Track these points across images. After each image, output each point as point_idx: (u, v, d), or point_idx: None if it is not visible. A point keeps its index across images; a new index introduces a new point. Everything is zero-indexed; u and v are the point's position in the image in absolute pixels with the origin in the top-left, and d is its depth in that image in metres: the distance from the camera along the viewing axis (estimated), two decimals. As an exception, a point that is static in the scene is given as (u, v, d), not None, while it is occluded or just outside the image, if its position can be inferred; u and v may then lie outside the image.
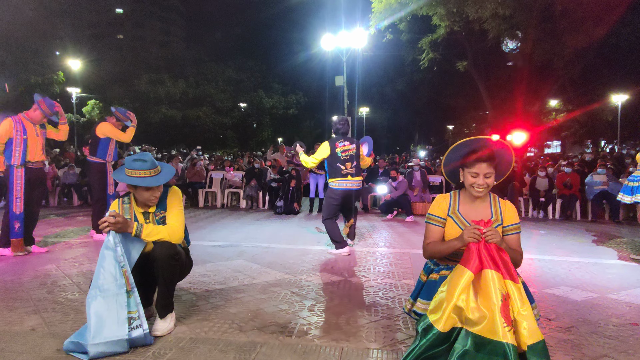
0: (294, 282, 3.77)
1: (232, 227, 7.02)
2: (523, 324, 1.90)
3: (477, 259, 2.04)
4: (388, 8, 15.99)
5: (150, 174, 2.59)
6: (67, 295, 3.30)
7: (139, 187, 2.59)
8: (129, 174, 2.57)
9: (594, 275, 4.13)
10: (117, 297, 2.35)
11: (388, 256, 4.92)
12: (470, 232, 2.11)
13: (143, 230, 2.50)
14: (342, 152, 4.98)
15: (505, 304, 1.93)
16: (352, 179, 4.97)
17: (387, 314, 2.99)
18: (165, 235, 2.56)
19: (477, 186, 2.27)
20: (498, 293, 1.93)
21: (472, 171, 2.27)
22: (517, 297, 1.94)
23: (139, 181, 2.56)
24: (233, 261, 4.54)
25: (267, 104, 36.63)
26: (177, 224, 2.65)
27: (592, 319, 2.92)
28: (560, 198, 9.22)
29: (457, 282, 2.02)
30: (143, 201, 2.65)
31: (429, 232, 2.43)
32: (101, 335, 2.28)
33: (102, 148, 5.75)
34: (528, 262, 4.69)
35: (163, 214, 2.71)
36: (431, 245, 2.39)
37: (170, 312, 2.68)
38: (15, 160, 4.63)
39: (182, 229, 2.68)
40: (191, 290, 3.49)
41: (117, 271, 2.38)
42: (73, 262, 4.43)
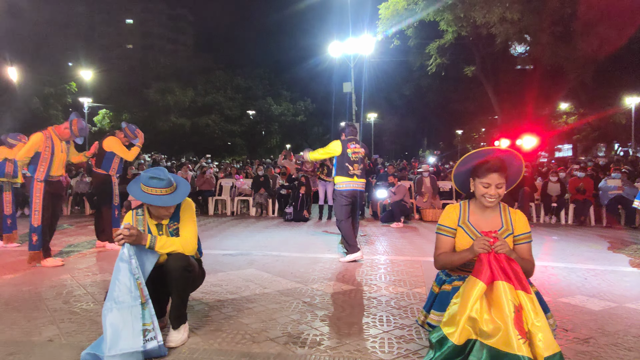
0: (305, 291, 3.76)
1: (242, 236, 7.03)
2: (538, 336, 1.86)
3: (488, 269, 2.02)
4: (395, 14, 16.04)
5: (167, 192, 2.61)
6: (82, 306, 3.33)
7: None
8: (145, 191, 2.58)
9: (611, 284, 4.06)
10: (132, 309, 2.36)
11: (399, 264, 4.89)
12: (480, 243, 2.10)
13: (157, 242, 2.52)
14: (353, 153, 5.23)
15: (519, 315, 1.90)
16: (357, 180, 5.20)
17: (400, 324, 2.96)
18: (178, 247, 2.57)
19: (489, 197, 2.25)
20: (510, 305, 1.90)
21: (484, 182, 2.26)
22: (530, 308, 1.91)
23: (155, 200, 2.57)
24: (244, 270, 4.55)
25: (276, 111, 36.83)
26: (191, 236, 2.66)
27: (610, 330, 2.87)
28: (573, 203, 9.11)
29: (470, 294, 2.00)
30: (158, 215, 2.68)
31: (439, 242, 2.42)
32: (117, 347, 2.29)
33: (107, 161, 5.82)
34: (541, 270, 4.62)
35: (176, 225, 2.72)
36: (442, 256, 2.37)
37: (183, 322, 2.69)
38: (39, 175, 4.70)
39: (195, 241, 2.69)
40: (203, 300, 3.50)
41: (132, 283, 2.40)
42: (87, 271, 4.47)
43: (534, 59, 17.22)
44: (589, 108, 20.20)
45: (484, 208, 2.33)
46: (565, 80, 17.56)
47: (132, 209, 2.78)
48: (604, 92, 18.52)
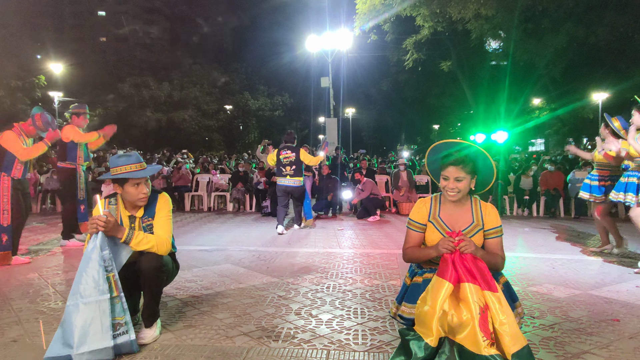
0: (281, 285, 3.76)
1: (218, 231, 6.97)
2: (505, 332, 1.89)
3: (453, 270, 2.03)
4: (372, 9, 16.08)
5: (137, 168, 2.56)
6: (50, 305, 3.24)
7: (127, 185, 2.54)
8: (116, 172, 2.53)
9: (577, 272, 4.21)
10: (100, 304, 2.29)
11: (375, 257, 4.94)
12: (445, 244, 2.11)
13: (134, 237, 2.46)
14: (284, 158, 6.72)
15: (484, 316, 1.92)
16: (290, 178, 6.73)
17: (374, 316, 3.00)
18: (154, 245, 2.52)
19: (450, 190, 2.25)
20: (476, 306, 1.93)
21: (444, 174, 2.26)
22: (497, 307, 1.93)
23: (127, 175, 2.51)
24: (220, 265, 4.51)
25: (253, 106, 36.51)
26: (166, 236, 2.62)
27: (574, 316, 2.97)
28: (544, 196, 9.37)
29: (438, 295, 2.01)
30: (132, 200, 2.59)
31: (408, 236, 2.43)
32: (85, 344, 2.24)
33: (71, 152, 5.49)
34: (512, 260, 4.75)
35: (150, 221, 2.66)
36: (409, 250, 2.39)
37: (156, 320, 2.65)
38: (16, 173, 4.56)
39: (170, 240, 2.65)
40: (177, 296, 3.45)
41: (101, 276, 2.31)
42: (56, 270, 4.35)
43: (507, 54, 17.57)
44: (559, 103, 20.78)
45: (452, 203, 2.33)
46: (537, 76, 18.00)
47: (105, 197, 2.70)
48: (573, 87, 19.08)
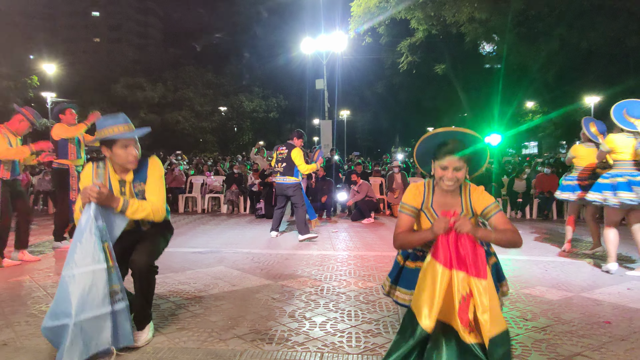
0: (275, 288, 3.75)
1: (212, 233, 6.95)
2: (486, 320, 1.86)
3: (448, 252, 1.97)
4: (367, 12, 16.13)
5: (125, 129, 2.51)
6: (41, 308, 3.21)
7: (115, 147, 2.48)
8: (104, 134, 2.49)
9: (569, 275, 4.23)
10: (96, 273, 2.26)
11: (369, 259, 4.94)
12: (441, 224, 2.02)
13: (129, 206, 2.41)
14: (278, 154, 6.36)
15: (465, 304, 1.90)
16: (280, 176, 6.25)
17: (368, 319, 3.00)
18: (149, 213, 2.47)
19: (447, 180, 2.18)
20: (459, 295, 1.90)
21: (442, 164, 2.18)
22: (482, 293, 1.89)
23: (115, 136, 2.47)
24: (213, 268, 4.49)
25: (248, 108, 36.45)
26: (160, 203, 2.57)
27: (566, 319, 2.99)
28: (537, 198, 9.44)
29: (435, 282, 1.95)
30: (121, 163, 2.53)
31: (401, 220, 2.32)
32: (84, 312, 2.22)
33: (62, 149, 5.40)
34: (505, 263, 4.77)
35: (142, 186, 2.59)
36: (402, 235, 2.26)
37: (148, 322, 2.63)
38: (4, 174, 4.52)
39: (164, 206, 2.60)
40: (170, 298, 3.44)
41: (96, 246, 2.27)
42: (48, 272, 4.31)
43: (501, 58, 17.71)
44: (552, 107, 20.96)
45: (445, 192, 2.27)
46: (530, 79, 18.15)
47: (93, 161, 2.67)
48: (565, 90, 19.25)
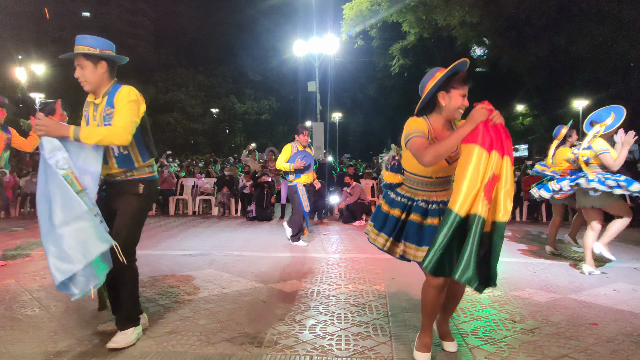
0: (265, 291, 3.73)
1: (203, 235, 6.90)
2: (506, 201, 2.06)
3: (488, 137, 2.06)
4: (359, 15, 16.20)
5: (76, 49, 2.51)
6: (26, 312, 3.16)
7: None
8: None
9: (557, 277, 4.27)
10: (80, 219, 2.28)
11: (360, 262, 4.94)
12: (482, 112, 2.08)
13: (81, 132, 2.36)
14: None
15: (492, 182, 2.04)
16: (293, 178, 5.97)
17: (358, 321, 2.99)
18: (104, 136, 2.37)
19: (462, 108, 2.28)
20: (490, 172, 2.04)
21: (461, 92, 2.24)
22: (508, 175, 2.06)
23: (69, 55, 2.53)
24: (203, 270, 4.46)
25: (239, 110, 36.35)
26: (121, 124, 2.42)
27: (554, 320, 3.02)
28: (527, 200, 9.51)
29: (478, 167, 2.04)
30: (80, 82, 2.57)
31: (418, 141, 2.19)
32: (90, 253, 2.28)
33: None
34: (495, 265, 4.81)
35: (110, 110, 2.54)
36: (432, 147, 2.11)
37: (132, 324, 2.59)
38: None
39: (128, 130, 2.43)
40: (159, 301, 3.41)
41: (66, 190, 2.28)
42: (34, 275, 4.25)
43: (491, 61, 17.89)
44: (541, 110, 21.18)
45: (442, 124, 2.32)
46: (520, 83, 18.33)
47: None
48: (554, 94, 19.48)
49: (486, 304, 3.39)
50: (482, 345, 2.60)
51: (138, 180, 2.65)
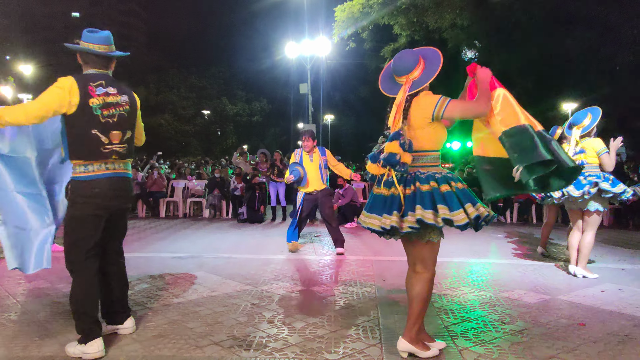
0: (255, 293, 3.70)
1: (193, 238, 6.85)
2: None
3: (497, 82, 2.58)
4: (351, 17, 16.23)
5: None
6: (10, 317, 3.10)
7: None
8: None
9: (547, 278, 4.30)
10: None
11: (350, 264, 4.93)
12: (487, 71, 2.49)
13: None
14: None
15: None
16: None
17: (347, 324, 2.98)
18: (19, 114, 2.36)
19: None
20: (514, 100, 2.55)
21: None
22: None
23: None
24: (193, 273, 4.42)
25: (231, 111, 36.24)
26: (32, 104, 2.40)
27: (543, 321, 3.03)
28: (517, 202, 9.59)
29: (510, 102, 2.51)
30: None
31: (459, 101, 2.44)
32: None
33: None
34: (485, 267, 4.83)
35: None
36: (479, 98, 2.41)
37: (78, 333, 2.50)
38: None
39: (35, 108, 2.36)
40: (147, 304, 3.36)
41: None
42: (19, 280, 4.18)
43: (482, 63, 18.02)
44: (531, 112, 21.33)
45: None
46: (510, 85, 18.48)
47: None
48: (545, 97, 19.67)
49: (476, 305, 3.39)
50: (472, 347, 2.60)
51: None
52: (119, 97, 2.57)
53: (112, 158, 2.53)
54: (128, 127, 2.61)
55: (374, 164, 2.49)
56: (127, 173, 2.66)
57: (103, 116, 2.48)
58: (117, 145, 2.53)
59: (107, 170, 2.53)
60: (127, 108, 2.60)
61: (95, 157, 2.49)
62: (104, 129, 2.49)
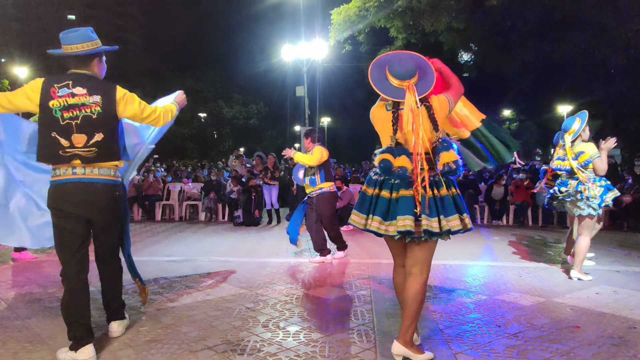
0: (250, 296, 3.69)
1: (189, 241, 6.82)
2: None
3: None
4: (347, 20, 16.27)
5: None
6: (2, 322, 3.07)
7: None
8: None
9: (542, 280, 4.30)
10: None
11: (346, 267, 4.92)
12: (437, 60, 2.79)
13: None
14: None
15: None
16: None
17: (342, 327, 2.97)
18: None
19: None
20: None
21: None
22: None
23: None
24: (188, 276, 4.40)
25: (228, 114, 36.21)
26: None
27: (538, 324, 3.03)
28: (513, 205, 9.61)
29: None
30: None
31: (450, 89, 2.61)
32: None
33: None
34: (481, 269, 4.83)
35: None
36: (454, 85, 2.64)
37: None
38: None
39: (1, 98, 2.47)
40: (141, 309, 3.34)
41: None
42: (11, 284, 4.14)
43: (478, 66, 18.08)
44: (528, 115, 21.47)
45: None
46: (506, 88, 18.56)
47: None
48: (540, 99, 19.76)
49: (471, 308, 3.39)
50: (467, 350, 2.59)
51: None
52: (88, 97, 2.43)
53: (74, 162, 2.42)
54: (98, 129, 2.44)
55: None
56: (97, 178, 2.47)
57: (63, 118, 2.40)
58: (80, 149, 2.41)
59: (73, 175, 2.43)
60: (96, 109, 2.44)
61: (55, 160, 2.42)
62: (64, 131, 2.40)
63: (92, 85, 2.48)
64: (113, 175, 2.55)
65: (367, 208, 2.41)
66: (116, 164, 2.56)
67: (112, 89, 2.53)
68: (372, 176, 2.46)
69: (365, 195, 2.45)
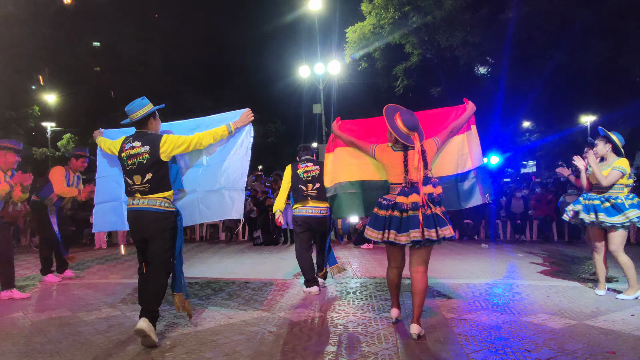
0: (272, 320, 3.68)
1: (210, 262, 6.88)
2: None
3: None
4: (362, 38, 16.45)
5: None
6: (35, 347, 3.14)
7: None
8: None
9: (572, 300, 4.16)
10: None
11: (368, 287, 4.87)
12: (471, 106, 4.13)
13: None
14: (304, 172, 4.69)
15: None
16: (312, 203, 4.65)
17: (367, 352, 2.93)
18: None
19: None
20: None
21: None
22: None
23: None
24: (210, 299, 4.43)
25: (247, 133, 36.66)
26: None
27: (570, 349, 2.92)
28: (536, 219, 9.39)
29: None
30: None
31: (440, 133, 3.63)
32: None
33: (47, 192, 5.55)
34: (505, 289, 4.71)
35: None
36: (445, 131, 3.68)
37: None
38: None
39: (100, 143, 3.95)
40: (166, 334, 3.37)
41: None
42: (43, 308, 4.24)
43: (496, 80, 17.94)
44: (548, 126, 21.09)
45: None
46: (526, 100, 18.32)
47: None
48: (561, 112, 19.41)
49: (498, 331, 3.30)
50: (495, 376, 2.52)
51: None
52: (141, 148, 3.23)
53: (135, 196, 3.28)
54: (148, 170, 3.23)
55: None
56: (148, 208, 3.25)
57: (127, 165, 3.27)
58: (138, 186, 3.26)
59: (132, 205, 3.30)
60: (146, 156, 3.22)
61: (128, 194, 3.36)
62: (128, 174, 3.28)
63: (145, 139, 3.28)
64: (158, 205, 3.26)
65: (382, 225, 3.23)
66: (166, 195, 3.31)
67: (157, 140, 3.27)
68: (383, 202, 3.29)
69: (378, 216, 3.28)
